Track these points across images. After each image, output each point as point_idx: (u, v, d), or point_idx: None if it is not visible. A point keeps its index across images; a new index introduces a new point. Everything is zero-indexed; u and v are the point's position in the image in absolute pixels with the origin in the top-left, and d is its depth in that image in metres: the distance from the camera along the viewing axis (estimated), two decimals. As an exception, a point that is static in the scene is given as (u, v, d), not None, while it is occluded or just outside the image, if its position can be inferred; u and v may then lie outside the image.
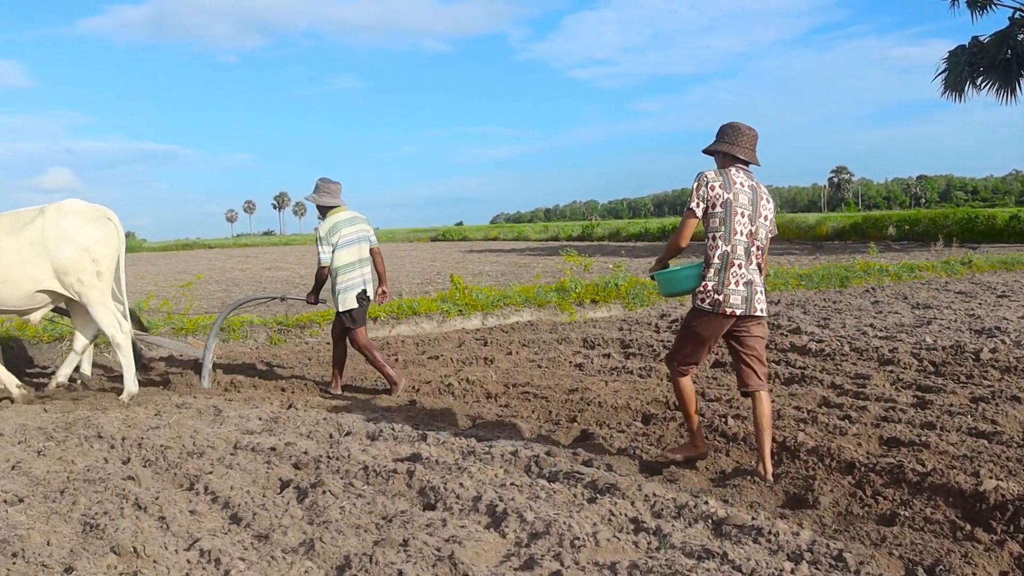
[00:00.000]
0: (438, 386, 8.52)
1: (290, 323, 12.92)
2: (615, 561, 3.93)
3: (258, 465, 5.71)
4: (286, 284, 22.65)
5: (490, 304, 14.09)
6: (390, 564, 3.93)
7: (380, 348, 10.26)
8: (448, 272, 23.72)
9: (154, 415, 7.45)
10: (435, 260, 33.35)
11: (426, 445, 6.03)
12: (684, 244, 5.52)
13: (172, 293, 17.22)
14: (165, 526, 4.65)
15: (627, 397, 7.62)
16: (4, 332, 11.97)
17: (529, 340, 11.38)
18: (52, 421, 7.30)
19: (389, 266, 10.83)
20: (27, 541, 4.44)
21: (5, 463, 6.05)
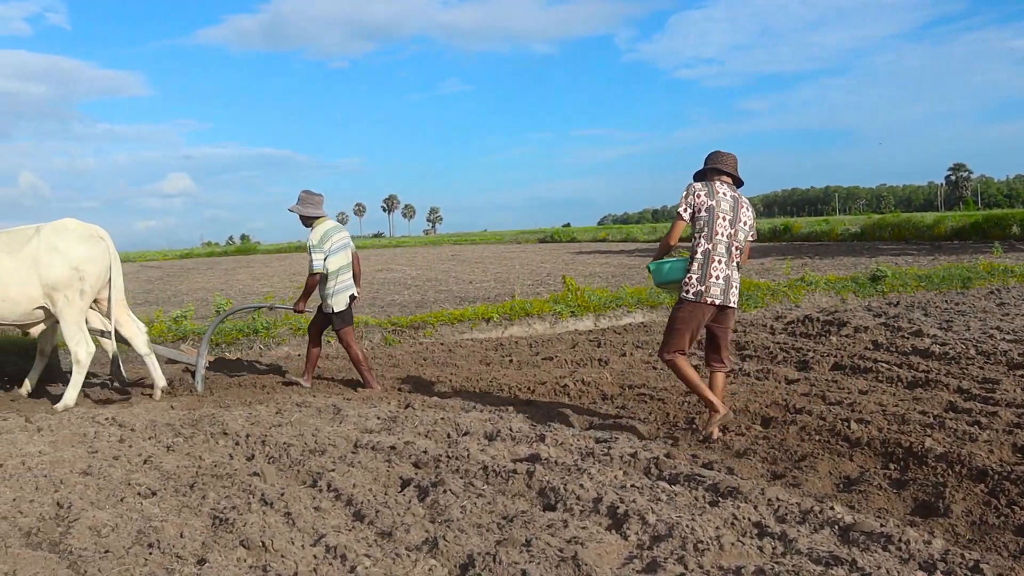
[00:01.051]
0: (553, 387, 8.54)
1: (404, 323, 13.08)
2: (740, 566, 3.88)
3: (379, 463, 5.79)
4: (397, 285, 22.95)
5: (602, 305, 14.06)
6: (513, 564, 3.94)
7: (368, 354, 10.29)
8: (558, 273, 23.73)
9: (275, 413, 7.62)
10: (544, 262, 33.35)
11: (544, 446, 6.05)
12: (673, 243, 6.63)
13: (288, 294, 17.60)
14: (291, 522, 4.75)
15: (745, 400, 7.52)
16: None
17: (643, 342, 11.31)
18: (179, 418, 7.53)
19: (500, 267, 11.00)
20: (162, 533, 4.59)
21: (137, 457, 6.27)
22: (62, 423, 7.39)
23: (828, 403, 7.31)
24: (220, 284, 27.39)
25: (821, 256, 28.33)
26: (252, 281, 27.88)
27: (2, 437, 6.93)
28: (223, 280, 29.61)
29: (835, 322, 11.53)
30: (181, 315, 13.07)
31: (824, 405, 7.19)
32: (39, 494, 5.44)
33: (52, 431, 7.12)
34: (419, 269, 31.02)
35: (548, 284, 20.72)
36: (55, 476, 5.78)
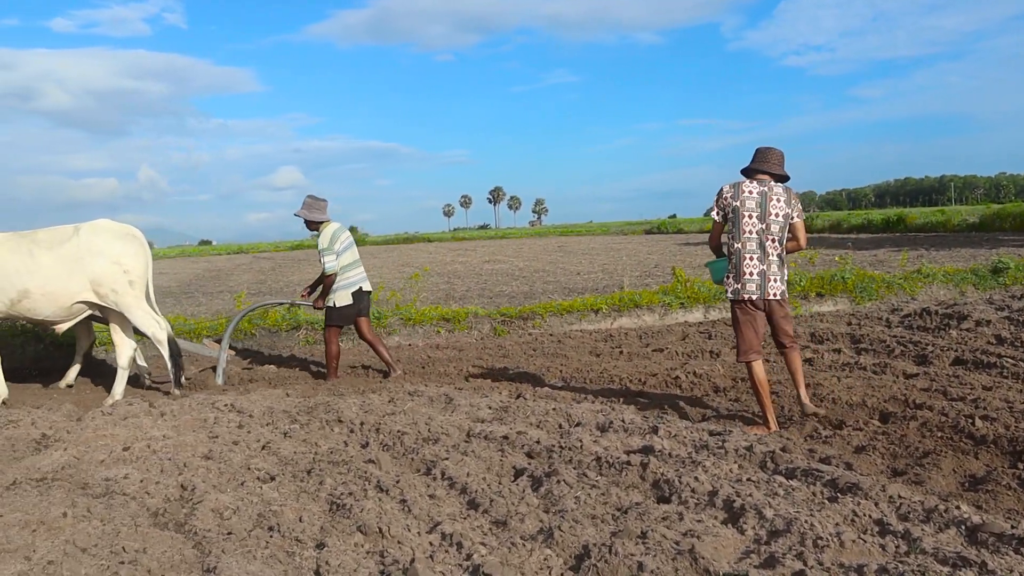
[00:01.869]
0: (664, 379, 8.47)
1: (513, 314, 13.12)
2: (862, 564, 3.78)
3: (491, 453, 5.81)
4: (505, 276, 23.01)
5: (712, 297, 13.88)
6: (629, 556, 3.91)
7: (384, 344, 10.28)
8: (665, 265, 23.55)
9: (388, 402, 7.71)
10: (651, 253, 33.05)
11: (658, 438, 5.99)
12: (714, 244, 7.06)
13: (398, 285, 17.80)
14: (407, 509, 4.80)
15: (862, 394, 7.34)
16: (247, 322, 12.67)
17: (754, 334, 11.12)
18: (295, 405, 7.67)
19: (607, 258, 11.04)
20: (281, 516, 4.69)
21: (256, 443, 6.42)
22: (183, 409, 7.60)
23: (950, 399, 7.08)
24: (331, 275, 27.80)
25: (937, 247, 27.45)
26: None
27: (128, 421, 7.16)
28: (334, 271, 30.02)
29: (955, 315, 11.17)
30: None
31: (946, 401, 6.97)
32: (164, 476, 5.61)
33: (174, 416, 7.33)
34: (526, 260, 31.08)
35: (656, 275, 20.54)
36: (179, 459, 5.96)
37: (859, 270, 15.71)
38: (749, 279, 6.61)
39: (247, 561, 4.10)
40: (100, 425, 7.08)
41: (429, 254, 42.66)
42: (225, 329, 10.46)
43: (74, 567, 4.09)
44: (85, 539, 4.44)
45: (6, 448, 6.74)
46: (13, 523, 4.74)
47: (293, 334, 12.70)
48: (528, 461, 5.66)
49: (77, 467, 5.90)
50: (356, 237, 77.79)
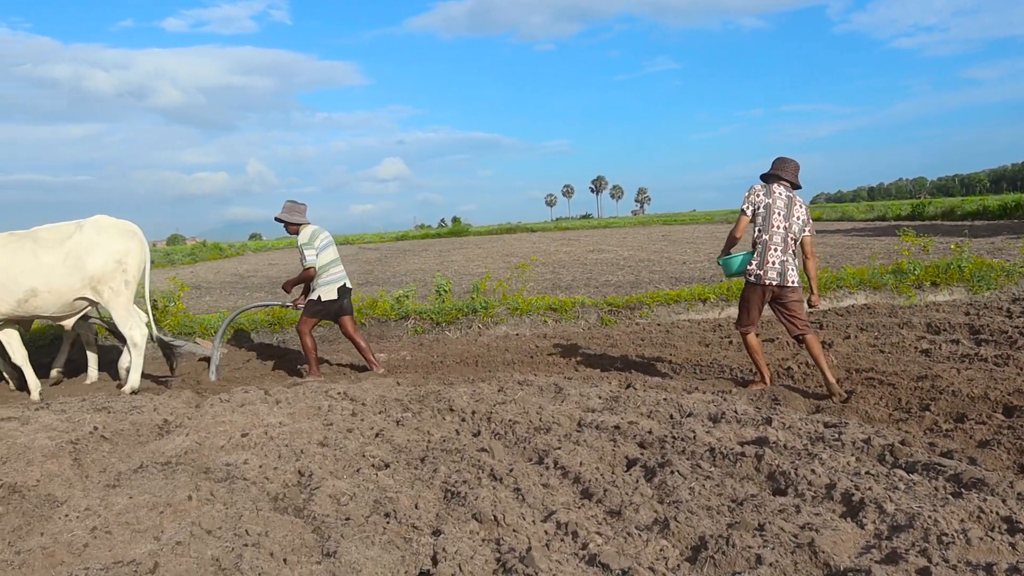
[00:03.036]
0: (776, 369, 8.35)
1: (620, 304, 13.07)
2: (991, 562, 3.66)
3: (603, 443, 5.80)
4: (610, 266, 22.91)
5: (822, 286, 13.62)
6: (747, 548, 3.87)
7: None
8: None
9: (498, 391, 7.75)
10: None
11: (772, 429, 5.91)
12: (739, 236, 7.78)
13: (503, 275, 17.87)
14: (521, 497, 4.82)
15: (984, 386, 7.11)
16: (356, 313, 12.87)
17: (867, 324, 10.89)
18: (407, 394, 7.77)
19: (712, 247, 10.97)
20: (397, 503, 4.76)
21: (369, 431, 6.52)
22: (298, 396, 7.75)
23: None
24: (436, 265, 28.09)
25: (1061, 234, 26.43)
26: (466, 263, 28.44)
27: (245, 408, 7.33)
28: (438, 261, 30.33)
29: (1082, 305, 10.76)
30: (403, 295, 13.51)
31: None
32: (282, 462, 5.74)
33: (289, 404, 7.49)
34: (630, 250, 30.87)
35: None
36: (295, 446, 6.09)
37: (976, 258, 15.23)
38: (771, 267, 7.60)
39: (365, 546, 4.17)
40: (219, 412, 7.27)
41: (532, 244, 42.67)
42: (219, 328, 10.81)
43: (201, 548, 4.21)
44: (210, 521, 4.57)
45: (131, 432, 6.97)
46: (142, 504, 4.91)
47: (402, 323, 12.86)
48: (640, 451, 5.63)
49: (199, 452, 6.08)
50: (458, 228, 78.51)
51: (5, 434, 6.92)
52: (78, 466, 6.01)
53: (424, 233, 78.49)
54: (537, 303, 13.11)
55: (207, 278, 29.28)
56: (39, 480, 5.62)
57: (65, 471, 5.86)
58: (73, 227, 9.19)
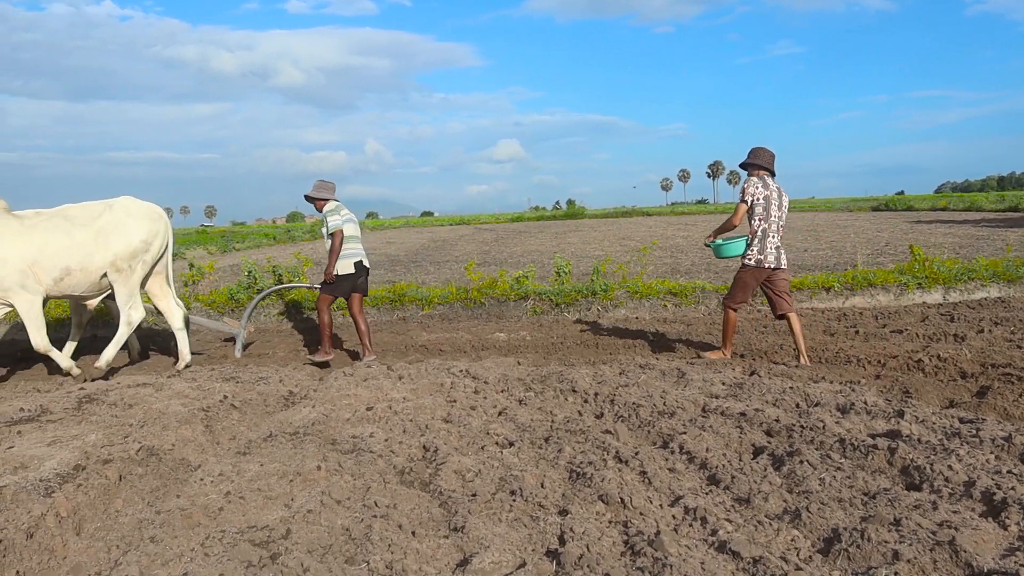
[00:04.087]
0: (905, 361, 8.11)
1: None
2: None
3: (729, 429, 5.72)
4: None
5: (953, 278, 13.18)
6: (883, 543, 3.76)
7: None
8: (896, 243, 22.61)
9: (619, 374, 7.71)
10: (881, 230, 31.69)
11: (904, 422, 5.73)
12: (738, 224, 8.57)
13: (621, 258, 17.79)
14: (647, 481, 4.78)
15: None
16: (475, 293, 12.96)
17: (1002, 318, 10.50)
18: (528, 373, 7.79)
19: (833, 235, 10.84)
20: (523, 482, 4.77)
21: (492, 409, 6.55)
22: (420, 373, 7.85)
23: None
24: (552, 247, 28.11)
25: None
26: (583, 245, 28.41)
27: (369, 383, 7.45)
28: (554, 243, 30.37)
29: None
30: (523, 275, 13.55)
31: None
32: (406, 437, 5.81)
33: (412, 380, 7.58)
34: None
35: (888, 253, 19.71)
36: (419, 421, 6.16)
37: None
38: (771, 252, 8.55)
39: (493, 523, 4.19)
40: (343, 385, 7.41)
41: (649, 228, 42.37)
42: (245, 308, 11.07)
43: (331, 517, 4.29)
44: (339, 491, 4.65)
45: (259, 402, 7.15)
46: (272, 472, 5.04)
47: (521, 303, 12.90)
48: (768, 439, 5.53)
49: (325, 424, 6.20)
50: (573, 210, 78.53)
51: (141, 399, 7.17)
52: (209, 433, 6.19)
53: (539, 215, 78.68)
54: (657, 287, 12.99)
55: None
56: (174, 444, 5.81)
57: (198, 437, 6.04)
58: (103, 206, 9.24)
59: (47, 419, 6.72)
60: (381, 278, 18.89)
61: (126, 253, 9.12)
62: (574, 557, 3.73)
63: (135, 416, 6.62)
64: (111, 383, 8.09)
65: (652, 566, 3.61)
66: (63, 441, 5.94)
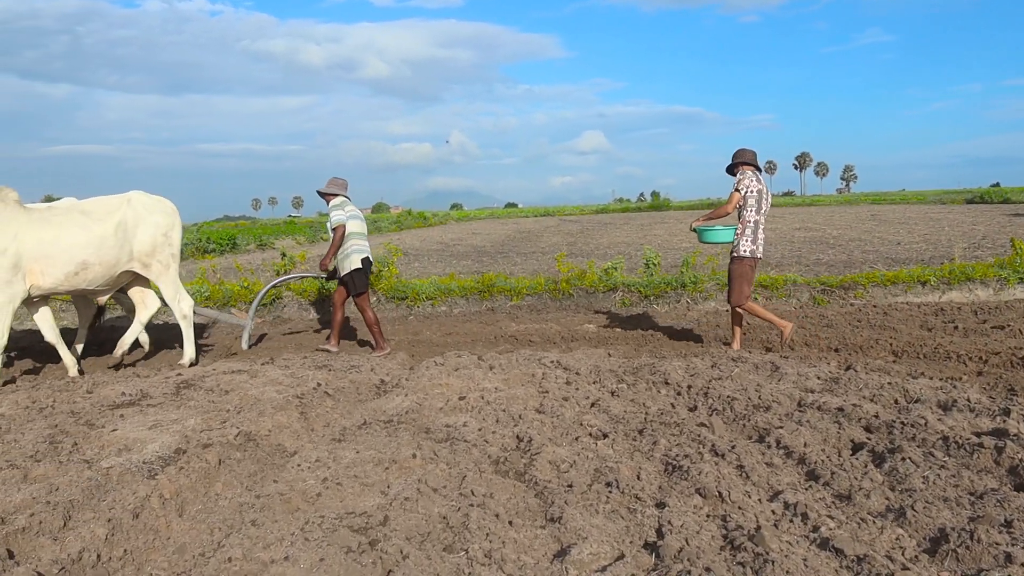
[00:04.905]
0: (1009, 358, 7.87)
1: (833, 283, 12.65)
2: None
3: (827, 424, 5.61)
4: (819, 244, 22.25)
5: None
6: (994, 544, 3.65)
7: None
8: (994, 236, 22.07)
9: (711, 366, 7.63)
10: (976, 223, 30.84)
11: (1011, 421, 5.55)
12: (731, 211, 9.01)
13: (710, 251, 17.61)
14: (744, 475, 4.71)
15: None
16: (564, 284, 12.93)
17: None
18: (620, 365, 7.74)
19: (927, 228, 10.69)
20: (618, 473, 4.73)
21: (585, 400, 6.53)
22: (511, 363, 7.86)
23: None
24: (638, 238, 27.95)
25: None
26: (669, 236, 28.19)
27: (460, 372, 7.48)
28: (640, 235, 30.18)
29: None
30: (611, 267, 13.48)
31: None
32: (500, 426, 5.82)
33: (503, 370, 7.59)
34: (838, 228, 29.89)
35: (986, 247, 19.17)
36: (512, 411, 6.17)
37: None
38: (760, 243, 9.01)
39: (590, 514, 4.16)
40: (434, 375, 7.45)
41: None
42: (252, 300, 11.12)
43: (428, 505, 4.31)
44: (435, 480, 4.68)
45: (351, 390, 7.23)
46: (368, 459, 5.08)
47: (610, 295, 12.85)
48: (867, 436, 5.41)
49: (419, 412, 6.24)
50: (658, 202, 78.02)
51: (237, 385, 7.30)
52: (304, 419, 6.27)
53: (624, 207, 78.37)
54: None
55: (414, 245, 30.09)
56: (270, 430, 5.90)
57: (293, 423, 6.12)
58: (120, 200, 9.14)
59: (147, 403, 6.88)
60: (468, 268, 18.99)
61: (148, 247, 9.11)
62: (673, 550, 3.69)
63: (231, 402, 6.74)
64: (206, 370, 8.25)
65: (753, 561, 3.56)
66: (163, 425, 6.08)
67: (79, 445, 5.69)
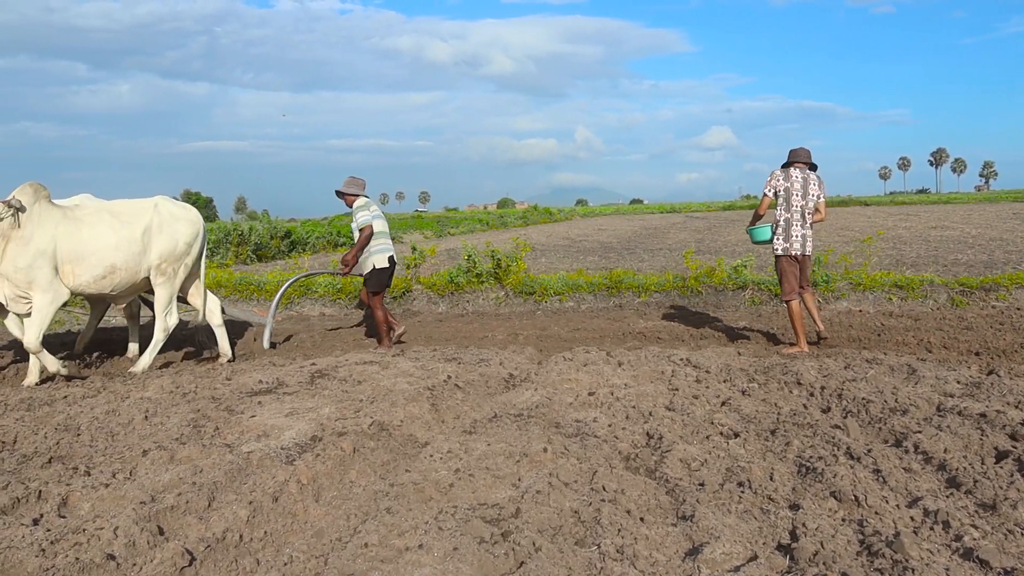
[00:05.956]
0: None
1: (973, 285, 12.22)
2: None
3: (968, 430, 5.42)
4: (957, 243, 21.52)
5: None
6: None
7: None
8: None
9: (845, 367, 7.46)
10: None
11: None
12: (763, 213, 9.25)
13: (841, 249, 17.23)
14: (881, 479, 4.60)
15: None
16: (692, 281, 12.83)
17: None
18: (750, 364, 7.64)
19: None
20: (750, 473, 4.68)
21: (715, 399, 6.46)
22: (640, 360, 7.83)
23: None
24: (767, 236, 27.47)
25: None
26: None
27: (589, 368, 7.49)
28: (769, 232, 29.59)
29: None
30: (741, 264, 13.31)
31: None
32: (629, 423, 5.81)
33: (632, 366, 7.57)
34: (978, 227, 28.86)
35: None
36: (642, 408, 6.15)
37: None
38: (796, 239, 9.00)
39: (722, 514, 4.13)
40: (563, 370, 7.47)
41: (867, 218, 40.85)
42: (273, 298, 11.08)
43: (559, 499, 4.34)
44: (566, 474, 4.70)
45: (481, 384, 7.30)
46: (499, 452, 5.14)
47: (739, 293, 12.68)
48: (1012, 444, 5.20)
49: (548, 407, 6.27)
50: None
51: (369, 376, 7.45)
52: (435, 411, 6.37)
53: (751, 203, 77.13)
54: (882, 279, 12.50)
55: (540, 240, 30.22)
56: (402, 421, 6.01)
57: (424, 415, 6.22)
58: (148, 205, 8.96)
59: (283, 391, 7.08)
60: (595, 265, 18.96)
61: (170, 256, 8.93)
62: (808, 553, 3.63)
63: (364, 392, 6.89)
64: (339, 360, 8.44)
65: (892, 568, 3.48)
66: (299, 413, 6.26)
67: (220, 430, 5.91)
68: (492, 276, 13.99)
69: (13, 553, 3.82)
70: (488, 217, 59.08)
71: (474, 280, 14.01)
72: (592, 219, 59.59)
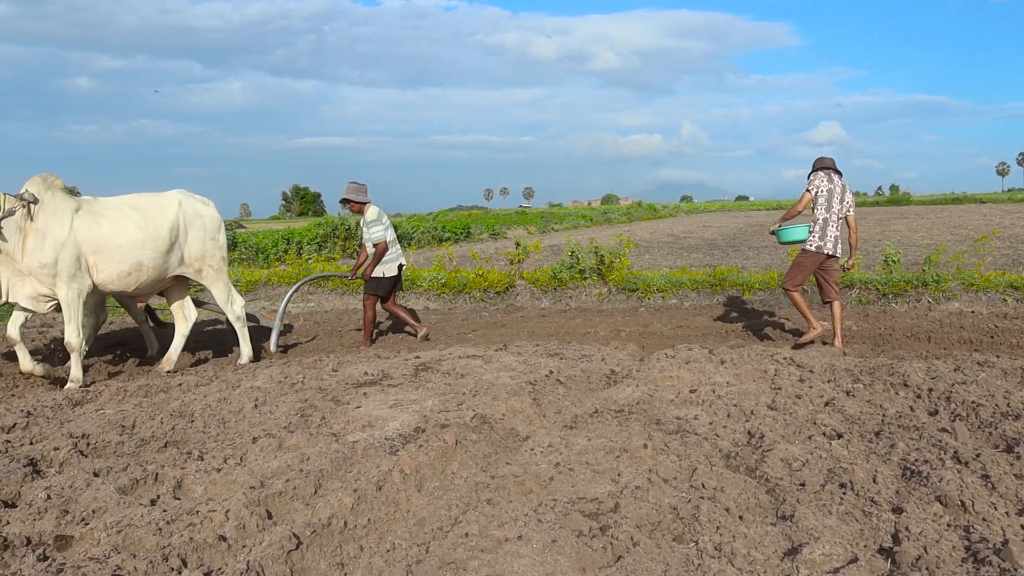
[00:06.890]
0: None
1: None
2: None
3: (1085, 437, 5.27)
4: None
5: None
6: None
7: None
8: None
9: (954, 370, 7.24)
10: None
11: None
12: (801, 210, 9.38)
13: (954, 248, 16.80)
14: (990, 485, 4.49)
15: None
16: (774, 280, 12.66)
17: None
18: (856, 364, 7.51)
19: None
20: (852, 475, 4.62)
21: (819, 399, 6.38)
22: (743, 358, 7.77)
23: None
24: (876, 234, 26.88)
25: None
26: (909, 233, 27.00)
27: (691, 365, 7.46)
28: (878, 231, 29.01)
29: None
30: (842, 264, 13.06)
31: None
32: (731, 421, 5.78)
33: (735, 365, 7.52)
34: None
35: None
36: (744, 407, 6.11)
37: None
38: (830, 239, 9.26)
39: (823, 514, 4.10)
40: (665, 367, 7.46)
41: (983, 216, 39.63)
42: (282, 301, 11.05)
43: (658, 495, 4.36)
44: (665, 471, 4.71)
45: (582, 379, 7.34)
46: (599, 447, 5.18)
47: (846, 292, 12.46)
48: None
49: (649, 403, 6.28)
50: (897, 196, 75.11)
51: (472, 370, 7.56)
52: (536, 405, 6.43)
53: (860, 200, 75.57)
54: (996, 279, 12.15)
55: (644, 237, 30.10)
56: (504, 415, 6.08)
57: (525, 409, 6.29)
58: (170, 199, 8.86)
59: (388, 383, 7.23)
60: (699, 262, 18.82)
61: (199, 252, 8.93)
62: (911, 558, 3.59)
63: (467, 385, 6.99)
64: (443, 353, 8.57)
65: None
66: (403, 404, 6.39)
67: (327, 419, 6.08)
68: (595, 272, 14.00)
69: (133, 531, 4.02)
70: (592, 213, 59.02)
71: (577, 276, 14.04)
72: (697, 216, 59.14)
